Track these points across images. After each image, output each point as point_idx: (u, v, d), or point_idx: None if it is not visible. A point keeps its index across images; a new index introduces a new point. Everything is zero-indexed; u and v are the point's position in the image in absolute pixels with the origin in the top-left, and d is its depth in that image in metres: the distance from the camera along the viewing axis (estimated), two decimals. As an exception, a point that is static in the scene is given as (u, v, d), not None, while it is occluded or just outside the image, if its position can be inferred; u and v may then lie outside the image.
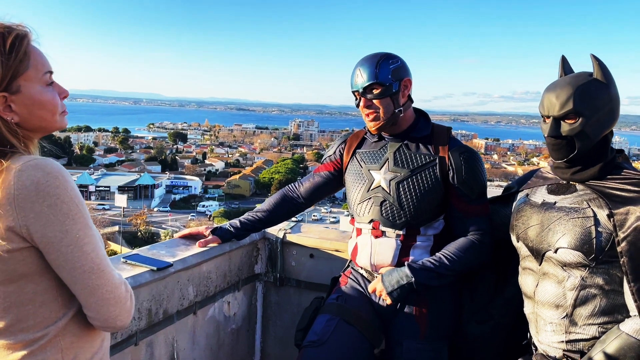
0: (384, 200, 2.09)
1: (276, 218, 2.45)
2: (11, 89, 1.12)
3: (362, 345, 2.08)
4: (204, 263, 2.29)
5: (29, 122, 1.15)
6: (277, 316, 2.77)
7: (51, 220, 1.07)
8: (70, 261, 1.10)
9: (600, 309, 1.61)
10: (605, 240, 1.58)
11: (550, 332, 1.70)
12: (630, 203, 1.56)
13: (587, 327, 1.63)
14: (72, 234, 1.09)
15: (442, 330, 2.10)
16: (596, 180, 1.66)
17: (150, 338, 2.04)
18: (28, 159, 1.09)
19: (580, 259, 1.61)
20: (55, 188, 1.07)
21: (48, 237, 1.07)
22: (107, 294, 1.14)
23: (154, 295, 2.02)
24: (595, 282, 1.61)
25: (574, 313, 1.64)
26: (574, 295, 1.63)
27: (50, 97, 1.18)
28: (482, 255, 2.05)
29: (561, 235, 1.64)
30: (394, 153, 2.13)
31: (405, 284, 1.98)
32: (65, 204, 1.08)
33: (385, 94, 2.02)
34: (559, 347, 1.68)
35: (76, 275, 1.11)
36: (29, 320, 1.12)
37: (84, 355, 1.19)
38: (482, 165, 2.12)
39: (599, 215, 1.60)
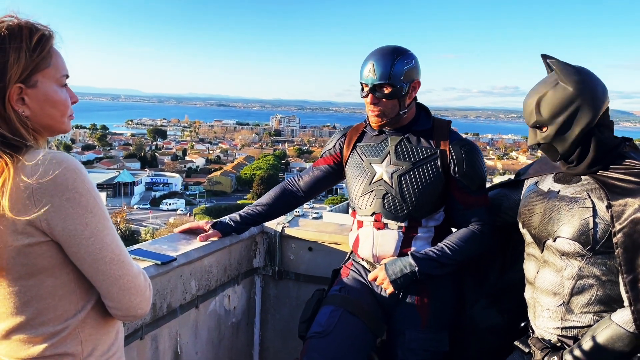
0: (386, 193, 2.12)
1: (276, 211, 2.46)
2: (28, 82, 1.13)
3: (366, 335, 2.11)
4: (205, 257, 2.29)
5: (38, 118, 1.16)
6: (276, 309, 2.79)
7: (71, 214, 1.08)
8: (91, 253, 1.11)
9: (596, 298, 1.65)
10: (602, 231, 1.61)
11: (547, 318, 1.75)
12: (629, 195, 1.57)
13: (582, 315, 1.68)
14: (92, 226, 1.10)
15: (443, 320, 2.14)
16: (600, 170, 1.67)
17: (155, 332, 2.04)
18: (42, 153, 1.09)
19: (578, 249, 1.64)
20: (74, 181, 1.08)
21: (68, 230, 1.08)
22: (128, 284, 1.16)
23: (158, 289, 2.02)
24: (592, 273, 1.65)
25: (570, 301, 1.69)
26: (571, 284, 1.68)
27: (63, 97, 1.20)
28: (483, 245, 2.10)
29: (561, 224, 1.68)
30: (395, 146, 2.15)
31: (409, 273, 2.02)
32: (83, 197, 1.09)
33: (394, 95, 2.03)
34: (554, 332, 1.74)
35: (98, 266, 1.12)
36: (49, 314, 1.13)
37: (102, 347, 1.20)
38: (482, 158, 2.16)
39: (598, 206, 1.63)
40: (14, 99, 1.11)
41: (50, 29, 1.18)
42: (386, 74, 2.00)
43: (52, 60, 1.17)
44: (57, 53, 1.19)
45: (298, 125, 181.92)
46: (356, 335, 2.09)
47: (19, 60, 1.11)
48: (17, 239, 1.07)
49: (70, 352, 1.14)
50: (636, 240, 1.54)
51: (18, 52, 1.11)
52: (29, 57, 1.12)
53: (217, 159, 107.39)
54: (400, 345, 2.12)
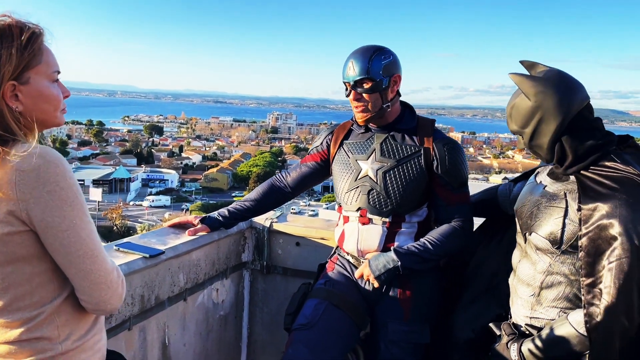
0: (371, 189, 2.17)
1: (264, 207, 2.51)
2: (21, 79, 1.18)
3: (350, 327, 2.16)
4: (193, 251, 2.34)
5: (31, 113, 1.20)
6: (264, 303, 2.84)
7: (50, 206, 1.12)
8: (66, 245, 1.15)
9: (564, 295, 1.70)
10: (570, 232, 1.64)
11: (520, 305, 1.83)
12: (600, 199, 1.57)
13: (550, 309, 1.74)
14: (69, 220, 1.15)
15: (425, 313, 2.19)
16: (586, 170, 1.66)
17: (143, 323, 2.08)
18: (29, 147, 1.14)
19: (548, 246, 1.69)
20: (55, 175, 1.13)
21: (46, 221, 1.13)
22: (99, 279, 1.19)
23: (146, 281, 2.07)
24: (561, 270, 1.69)
25: (540, 294, 1.75)
26: (542, 278, 1.73)
27: (55, 92, 1.25)
28: (463, 241, 2.15)
29: (538, 220, 1.73)
30: (380, 144, 2.21)
31: (392, 268, 2.07)
32: (64, 190, 1.14)
33: (375, 89, 2.09)
34: (524, 320, 1.81)
35: (71, 259, 1.17)
36: (25, 300, 1.18)
37: (79, 331, 1.25)
38: (464, 156, 2.21)
39: (571, 208, 1.65)
40: (7, 96, 1.16)
41: (40, 27, 1.23)
42: (365, 69, 2.06)
43: (43, 57, 1.21)
44: (47, 50, 1.24)
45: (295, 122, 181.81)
46: (340, 327, 2.14)
47: (11, 58, 1.15)
48: None
49: (46, 336, 1.18)
50: (599, 246, 1.54)
51: (9, 51, 1.15)
52: (21, 55, 1.16)
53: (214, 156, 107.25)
54: (382, 337, 2.18)
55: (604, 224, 1.53)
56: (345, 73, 2.13)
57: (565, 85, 1.66)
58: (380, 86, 2.08)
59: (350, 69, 2.10)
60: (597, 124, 1.70)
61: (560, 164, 1.70)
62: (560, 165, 1.70)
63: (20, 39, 1.17)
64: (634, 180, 1.56)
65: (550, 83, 1.65)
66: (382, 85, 2.09)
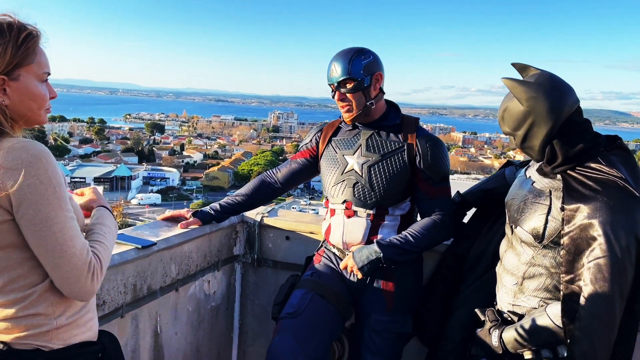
0: (356, 182, 2.26)
1: (254, 202, 2.60)
2: (11, 75, 1.26)
3: (335, 317, 2.25)
4: (185, 243, 2.42)
5: (17, 109, 1.28)
6: (255, 295, 2.92)
7: (28, 199, 1.20)
8: (37, 238, 1.22)
9: (544, 286, 1.79)
10: (552, 229, 1.72)
11: (504, 293, 1.92)
12: (582, 201, 1.63)
13: (531, 298, 1.83)
14: (44, 214, 1.21)
15: (407, 304, 2.28)
16: (572, 170, 1.72)
17: (135, 311, 2.17)
18: (16, 141, 1.23)
19: (530, 240, 1.78)
20: (37, 169, 1.20)
21: (22, 213, 1.20)
22: (66, 274, 1.24)
23: (138, 271, 2.15)
24: (542, 263, 1.78)
25: (523, 284, 1.84)
26: (524, 269, 1.83)
27: (42, 92, 1.33)
28: (444, 234, 2.24)
29: (523, 214, 1.82)
30: (366, 140, 2.29)
31: (374, 259, 2.15)
32: (43, 184, 1.21)
33: (357, 88, 2.17)
34: (507, 307, 1.91)
35: (40, 252, 1.24)
36: (19, 282, 1.26)
37: (73, 308, 1.33)
38: (445, 152, 2.29)
39: (554, 206, 1.73)
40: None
41: (38, 29, 1.31)
42: (346, 69, 2.15)
43: (36, 58, 1.30)
44: (41, 51, 1.32)
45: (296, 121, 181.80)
46: (325, 316, 2.22)
47: (5, 54, 1.24)
48: None
49: (41, 312, 1.27)
50: (579, 245, 1.62)
51: (5, 47, 1.24)
52: (15, 53, 1.25)
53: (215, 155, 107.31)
54: (366, 327, 2.26)
55: (584, 224, 1.60)
56: (329, 75, 2.22)
57: (557, 91, 1.71)
58: (363, 85, 2.17)
59: (333, 71, 2.20)
60: (586, 127, 1.76)
61: (550, 164, 1.77)
62: (549, 165, 1.77)
63: (17, 38, 1.25)
64: (616, 183, 1.62)
65: (542, 88, 1.69)
66: (364, 84, 2.17)
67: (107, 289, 1.97)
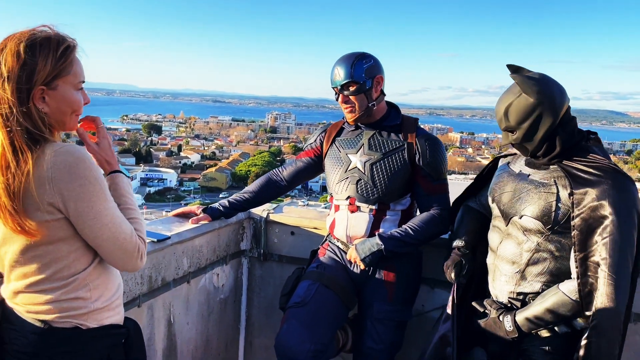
0: (359, 179, 2.39)
1: (261, 199, 2.73)
2: (50, 85, 1.38)
3: (339, 306, 2.38)
4: (196, 238, 2.55)
5: (54, 116, 1.41)
6: (261, 288, 3.05)
7: (81, 197, 1.35)
8: (93, 231, 1.39)
9: (548, 270, 1.93)
10: (562, 214, 1.87)
11: (504, 282, 2.03)
12: (589, 185, 1.81)
13: (534, 283, 1.96)
14: (96, 209, 1.37)
15: (407, 294, 2.41)
16: (565, 160, 1.90)
17: (151, 302, 2.29)
18: (59, 146, 1.37)
19: (539, 227, 1.91)
20: (84, 170, 1.35)
21: (78, 211, 1.36)
22: (121, 254, 1.44)
23: (154, 264, 2.27)
24: (547, 248, 1.92)
25: (525, 270, 1.97)
26: (528, 255, 1.95)
27: (78, 99, 1.46)
28: (442, 227, 2.37)
29: (528, 204, 1.95)
30: (368, 139, 2.42)
31: (376, 251, 2.29)
32: (91, 184, 1.36)
33: (359, 90, 2.30)
34: (507, 295, 2.02)
35: (97, 242, 1.41)
36: (64, 272, 1.41)
37: (107, 294, 1.50)
38: (443, 151, 2.43)
39: (561, 193, 1.88)
40: (36, 98, 1.37)
41: (75, 41, 1.44)
42: (348, 73, 2.28)
43: (73, 69, 1.42)
44: (77, 62, 1.44)
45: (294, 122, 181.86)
46: (330, 306, 2.36)
47: (46, 66, 1.36)
48: (41, 215, 1.34)
49: (81, 296, 1.42)
50: (590, 225, 1.79)
51: (45, 60, 1.36)
52: (54, 65, 1.37)
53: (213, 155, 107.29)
54: (369, 316, 2.39)
55: (594, 205, 1.78)
56: (332, 79, 2.36)
57: (558, 87, 1.90)
58: (364, 87, 2.30)
59: (336, 75, 2.33)
60: (575, 122, 1.95)
61: (546, 156, 1.93)
62: (545, 156, 1.93)
63: (56, 51, 1.37)
64: (611, 167, 1.84)
65: (547, 83, 1.88)
66: (366, 86, 2.30)
67: (125, 279, 2.09)
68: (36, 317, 1.42)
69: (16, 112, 1.33)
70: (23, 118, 1.34)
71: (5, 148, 1.33)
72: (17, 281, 1.43)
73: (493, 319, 2.01)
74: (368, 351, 2.38)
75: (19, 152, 1.33)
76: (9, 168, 1.32)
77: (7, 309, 1.48)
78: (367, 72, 2.30)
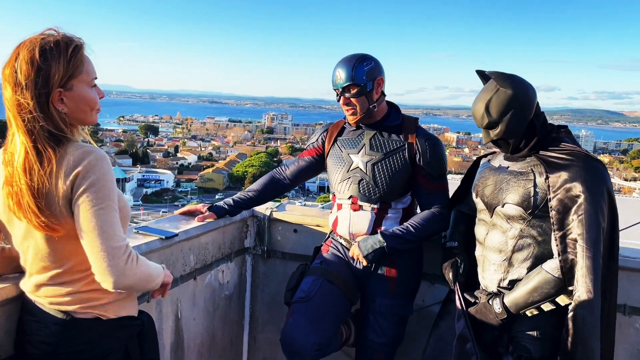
0: (361, 179, 2.46)
1: (265, 197, 2.79)
2: (66, 87, 1.45)
3: (343, 301, 2.45)
4: (202, 235, 2.61)
5: (73, 114, 1.48)
6: (265, 285, 3.11)
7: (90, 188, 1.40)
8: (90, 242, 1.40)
9: (532, 255, 2.06)
10: (540, 198, 2.01)
11: (493, 271, 2.14)
12: (562, 169, 1.98)
13: (520, 268, 2.08)
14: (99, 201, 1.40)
15: (408, 289, 2.49)
16: (541, 151, 2.07)
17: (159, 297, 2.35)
18: (80, 146, 1.44)
19: (521, 212, 2.04)
20: (101, 168, 1.42)
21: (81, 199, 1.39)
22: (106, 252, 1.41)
23: (162, 260, 2.33)
24: (530, 234, 2.05)
25: (512, 257, 2.09)
26: (513, 242, 2.08)
27: (93, 96, 1.53)
28: (442, 225, 2.44)
29: (508, 193, 2.08)
30: (370, 139, 2.49)
31: (379, 248, 2.36)
32: (105, 188, 1.42)
33: (361, 93, 2.37)
34: (497, 283, 2.13)
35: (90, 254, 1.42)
36: (82, 265, 1.48)
37: None
38: (443, 150, 2.50)
39: (538, 179, 2.03)
40: (55, 100, 1.43)
41: (82, 40, 1.50)
42: (349, 75, 2.35)
43: (84, 67, 1.49)
44: (87, 60, 1.51)
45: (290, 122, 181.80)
46: (334, 300, 2.43)
47: (59, 70, 1.43)
48: (63, 211, 1.41)
49: (100, 288, 1.47)
50: (566, 205, 1.95)
51: (58, 63, 1.43)
52: (66, 67, 1.44)
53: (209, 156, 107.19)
54: (371, 310, 2.46)
55: (568, 186, 1.95)
56: (333, 81, 2.42)
57: (527, 82, 2.08)
58: (365, 89, 2.37)
59: (337, 77, 2.39)
60: (545, 117, 2.13)
61: (526, 146, 2.08)
62: (526, 147, 2.08)
63: (67, 53, 1.44)
64: (581, 153, 2.02)
65: (518, 78, 2.06)
66: (367, 88, 2.37)
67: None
68: (58, 308, 1.49)
69: (37, 115, 1.40)
70: (45, 121, 1.41)
71: (29, 151, 1.41)
72: (39, 274, 1.49)
73: (483, 304, 2.14)
74: (370, 344, 2.45)
75: (42, 154, 1.41)
76: (33, 169, 1.39)
77: (27, 302, 1.55)
78: (368, 75, 2.37)
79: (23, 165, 1.41)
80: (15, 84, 1.41)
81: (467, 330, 2.14)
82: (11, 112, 1.43)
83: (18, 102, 1.41)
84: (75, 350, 1.50)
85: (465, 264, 2.28)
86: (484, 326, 2.13)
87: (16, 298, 1.60)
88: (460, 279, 2.26)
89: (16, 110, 1.41)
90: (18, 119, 1.42)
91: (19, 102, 1.41)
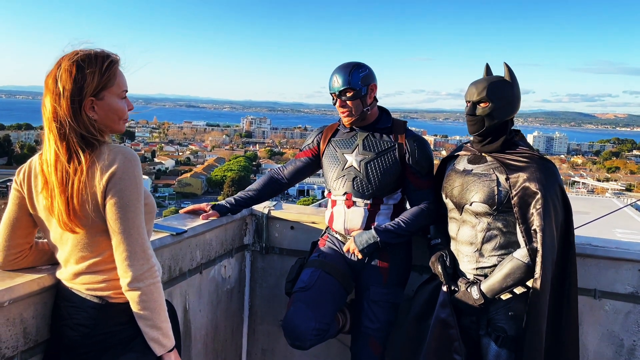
0: (355, 177, 2.68)
1: (264, 196, 2.99)
2: (98, 96, 1.62)
3: (339, 290, 2.65)
4: (207, 232, 2.79)
5: (103, 122, 1.66)
6: (263, 279, 3.30)
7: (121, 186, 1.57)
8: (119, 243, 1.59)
9: (499, 245, 2.33)
10: (503, 196, 2.28)
11: (466, 262, 2.41)
12: (520, 170, 2.27)
13: (490, 257, 2.34)
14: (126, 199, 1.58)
15: (399, 278, 2.70)
16: (499, 154, 2.36)
17: (170, 290, 2.53)
18: (113, 146, 1.61)
19: (487, 209, 2.31)
20: (132, 168, 1.60)
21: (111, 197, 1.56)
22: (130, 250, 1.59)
23: (172, 255, 2.51)
24: (497, 226, 2.32)
25: (482, 248, 2.35)
26: (482, 235, 2.34)
27: (122, 107, 1.70)
28: (429, 219, 2.66)
29: (475, 193, 2.35)
30: (363, 140, 2.71)
31: (372, 243, 2.57)
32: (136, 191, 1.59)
33: (356, 96, 2.59)
34: (472, 272, 2.39)
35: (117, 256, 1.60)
36: (108, 257, 1.65)
37: None
38: (430, 150, 2.73)
39: (500, 179, 2.31)
40: (87, 108, 1.61)
41: (117, 56, 1.68)
42: (346, 80, 2.57)
43: (116, 80, 1.66)
44: (120, 74, 1.68)
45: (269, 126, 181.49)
46: (332, 289, 2.63)
47: (93, 81, 1.60)
48: (93, 210, 1.58)
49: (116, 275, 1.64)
50: (526, 200, 2.23)
51: (93, 75, 1.60)
52: (100, 78, 1.61)
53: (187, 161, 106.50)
54: (366, 298, 2.67)
55: (526, 185, 2.23)
56: (331, 85, 2.64)
57: None
58: (360, 94, 2.59)
59: (334, 82, 2.61)
60: (513, 123, 2.41)
61: (493, 141, 2.36)
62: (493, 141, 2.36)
63: (102, 66, 1.61)
64: (535, 155, 2.31)
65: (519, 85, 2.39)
66: (362, 93, 2.59)
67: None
68: (94, 294, 1.66)
69: (70, 120, 1.57)
70: (77, 126, 1.58)
71: (61, 156, 1.58)
72: (77, 264, 1.66)
73: (463, 292, 2.37)
74: (365, 330, 2.65)
75: (74, 156, 1.58)
76: (66, 173, 1.57)
77: (63, 290, 1.72)
78: (363, 80, 2.59)
79: (55, 168, 1.58)
80: (54, 92, 1.58)
81: (452, 317, 2.36)
82: (47, 118, 1.60)
83: (54, 109, 1.58)
84: (109, 331, 1.66)
85: (450, 257, 2.51)
86: (463, 312, 2.38)
87: (52, 287, 1.76)
88: (449, 270, 2.49)
89: (52, 116, 1.58)
90: (52, 124, 1.59)
91: (55, 108, 1.58)
